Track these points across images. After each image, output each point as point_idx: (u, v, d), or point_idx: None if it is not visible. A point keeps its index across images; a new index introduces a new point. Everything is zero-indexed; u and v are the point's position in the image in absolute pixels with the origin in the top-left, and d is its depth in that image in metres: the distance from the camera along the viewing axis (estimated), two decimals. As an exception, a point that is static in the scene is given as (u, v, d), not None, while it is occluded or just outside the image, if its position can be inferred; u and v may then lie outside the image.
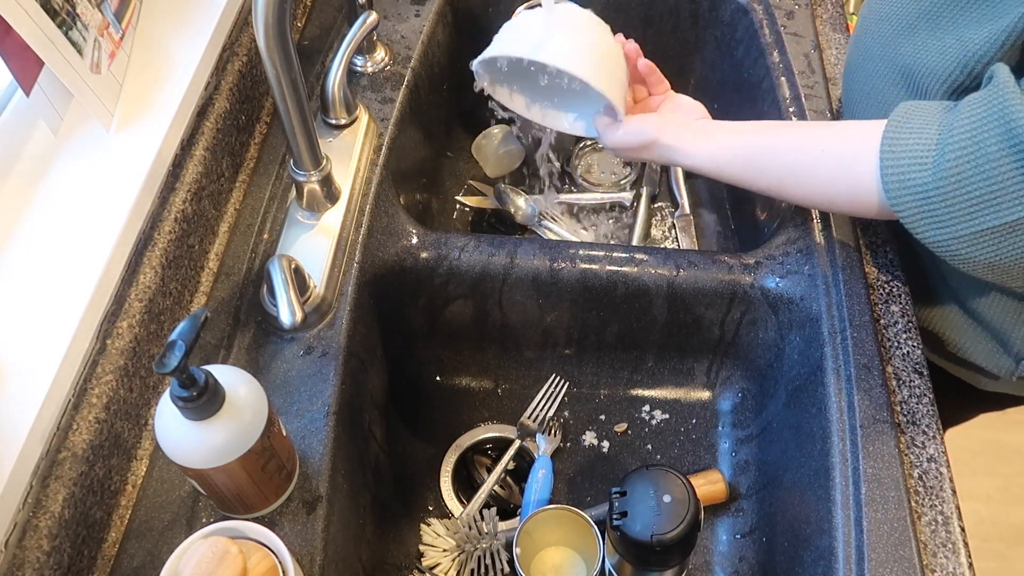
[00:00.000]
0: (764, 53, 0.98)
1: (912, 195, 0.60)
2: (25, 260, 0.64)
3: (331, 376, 0.71)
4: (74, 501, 0.58)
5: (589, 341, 0.91)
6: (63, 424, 0.59)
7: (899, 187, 0.60)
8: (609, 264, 0.83)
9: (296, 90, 0.67)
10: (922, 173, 0.59)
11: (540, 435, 0.90)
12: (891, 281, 0.79)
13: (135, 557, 0.62)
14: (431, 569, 0.80)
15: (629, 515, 0.63)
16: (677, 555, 0.66)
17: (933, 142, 0.59)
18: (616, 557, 0.68)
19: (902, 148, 0.61)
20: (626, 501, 0.64)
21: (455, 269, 0.84)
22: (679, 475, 0.65)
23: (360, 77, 0.94)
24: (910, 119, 0.62)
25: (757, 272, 0.82)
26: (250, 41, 0.87)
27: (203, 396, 0.52)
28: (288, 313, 0.66)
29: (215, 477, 0.57)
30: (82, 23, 0.68)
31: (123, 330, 0.65)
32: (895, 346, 0.75)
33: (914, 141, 0.60)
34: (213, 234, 0.79)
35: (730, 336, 0.88)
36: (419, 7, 1.01)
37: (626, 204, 1.09)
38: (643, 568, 0.68)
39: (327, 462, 0.66)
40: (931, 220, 0.60)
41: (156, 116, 0.73)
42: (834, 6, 1.03)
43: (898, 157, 0.61)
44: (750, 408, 0.90)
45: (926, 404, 0.71)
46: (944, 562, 0.64)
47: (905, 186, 0.60)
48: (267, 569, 0.55)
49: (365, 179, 0.84)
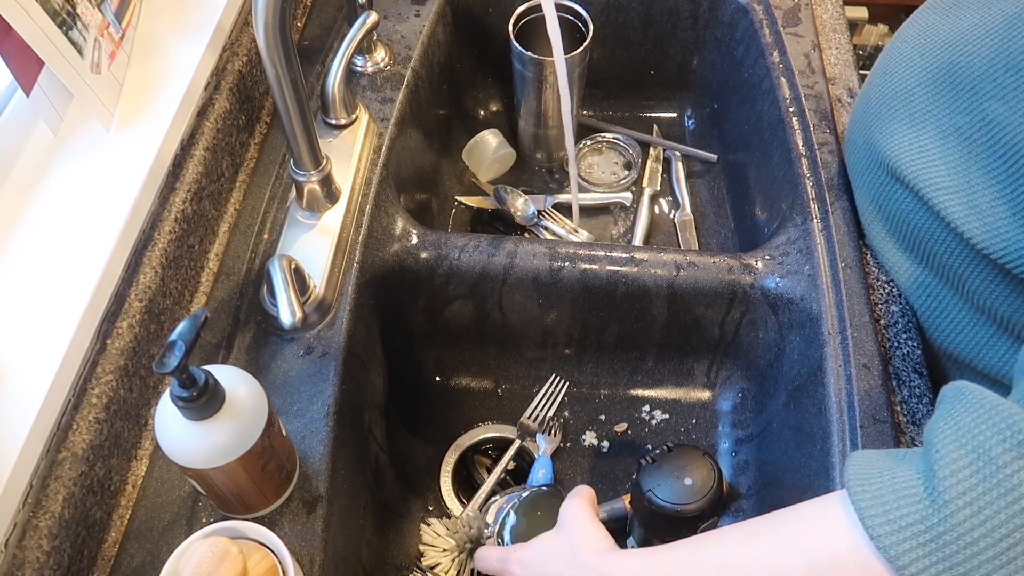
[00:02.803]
0: (764, 53, 0.98)
1: (916, 542, 0.43)
2: (25, 260, 0.64)
3: (331, 376, 0.71)
4: (74, 501, 0.58)
5: (589, 341, 0.91)
6: (63, 424, 0.59)
7: (898, 540, 0.43)
8: (609, 264, 0.83)
9: (296, 90, 0.67)
10: (917, 508, 0.43)
11: (540, 435, 0.90)
12: (891, 281, 0.79)
13: (135, 557, 0.62)
14: (431, 569, 0.80)
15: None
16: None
17: (915, 478, 0.45)
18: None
19: (878, 489, 0.46)
20: None
21: (455, 269, 0.84)
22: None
23: (360, 77, 0.94)
24: (869, 468, 0.47)
25: (757, 272, 0.82)
26: (250, 41, 0.87)
27: (203, 396, 0.52)
28: (288, 313, 0.66)
29: (215, 477, 0.57)
30: (82, 23, 0.68)
31: (123, 330, 0.65)
32: (895, 346, 0.75)
33: (889, 479, 0.46)
34: (213, 234, 0.79)
35: (730, 336, 0.88)
36: (419, 7, 1.01)
37: (626, 204, 1.09)
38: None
39: (327, 462, 0.66)
40: (948, 563, 0.42)
41: (156, 116, 0.73)
42: (834, 6, 1.03)
43: (877, 497, 0.45)
44: (750, 408, 0.90)
45: (926, 404, 0.71)
46: (944, 562, 0.64)
47: (903, 535, 0.43)
48: (267, 569, 0.55)
49: (365, 179, 0.84)
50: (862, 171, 0.79)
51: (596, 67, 1.02)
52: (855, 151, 0.80)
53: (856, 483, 0.46)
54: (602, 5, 1.07)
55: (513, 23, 0.99)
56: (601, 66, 1.13)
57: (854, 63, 0.97)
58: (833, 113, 0.91)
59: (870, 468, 0.47)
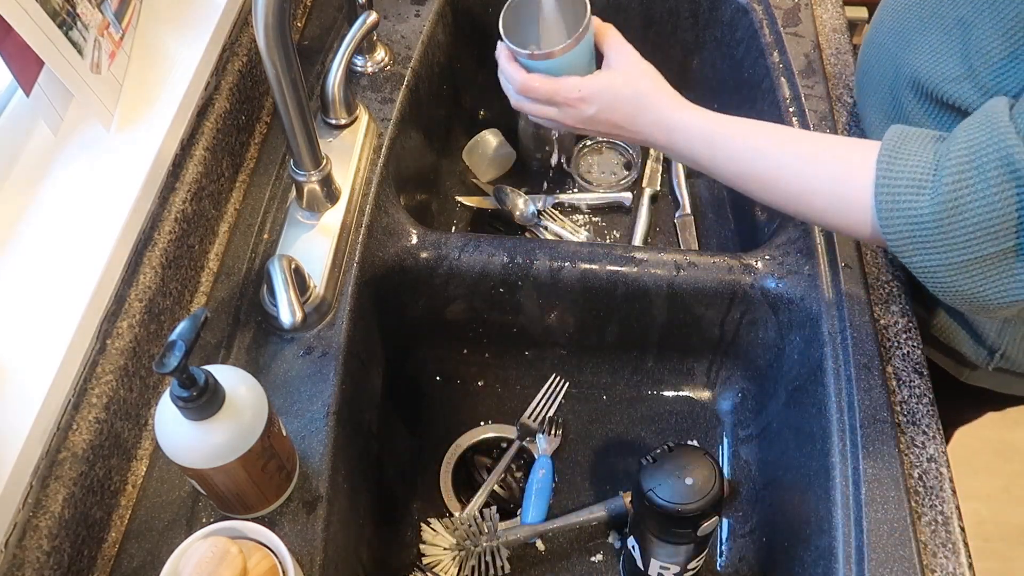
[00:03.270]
0: (764, 53, 0.98)
1: (906, 220, 0.59)
2: (25, 260, 0.64)
3: (331, 376, 0.71)
4: (74, 501, 0.58)
5: (589, 341, 0.91)
6: (63, 424, 0.59)
7: (893, 212, 0.59)
8: (609, 264, 0.83)
9: (296, 90, 0.67)
10: (919, 198, 0.58)
11: (540, 435, 0.90)
12: (891, 281, 0.79)
13: (135, 557, 0.62)
14: (431, 568, 0.80)
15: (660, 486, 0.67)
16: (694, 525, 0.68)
17: (930, 168, 0.58)
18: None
19: (899, 172, 0.60)
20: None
21: (455, 269, 0.84)
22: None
23: (360, 77, 0.94)
24: (904, 145, 0.61)
25: (757, 272, 0.82)
26: (250, 41, 0.87)
27: (203, 396, 0.52)
28: (288, 313, 0.66)
29: (215, 477, 0.57)
30: (82, 23, 0.68)
31: (123, 330, 0.65)
32: (895, 346, 0.75)
33: (911, 166, 0.59)
34: (213, 234, 0.79)
35: (730, 336, 0.88)
36: (419, 7, 1.01)
37: (626, 204, 1.09)
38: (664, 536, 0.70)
39: (327, 462, 0.66)
40: (921, 246, 0.59)
41: (156, 116, 0.73)
42: (834, 6, 1.03)
43: (894, 181, 0.60)
44: (750, 408, 0.90)
45: (926, 404, 0.71)
46: (944, 562, 0.64)
47: (900, 211, 0.59)
48: (267, 569, 0.55)
49: (365, 179, 0.84)
50: (874, 90, 0.80)
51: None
52: (867, 71, 0.82)
53: (884, 157, 0.60)
54: (602, 5, 1.07)
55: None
56: (601, 66, 1.13)
57: (854, 63, 0.97)
58: (833, 113, 0.91)
59: (901, 146, 0.61)
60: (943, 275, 0.59)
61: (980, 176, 0.55)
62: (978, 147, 0.56)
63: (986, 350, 0.80)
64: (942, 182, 0.57)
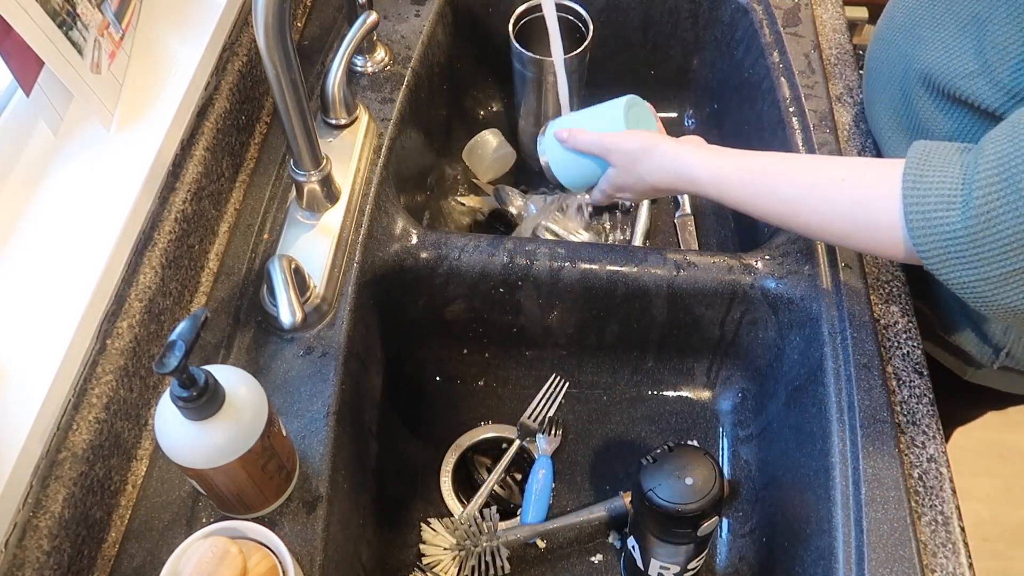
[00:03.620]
0: (764, 53, 0.98)
1: (939, 237, 0.57)
2: (25, 260, 0.64)
3: (331, 376, 0.71)
4: (74, 501, 0.58)
5: (589, 341, 0.91)
6: (63, 424, 0.59)
7: (925, 229, 0.58)
8: (609, 264, 0.83)
9: (296, 90, 0.67)
10: (950, 213, 0.57)
11: (540, 435, 0.90)
12: (891, 281, 0.79)
13: (135, 557, 0.62)
14: (431, 567, 0.80)
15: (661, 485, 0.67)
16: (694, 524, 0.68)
17: (959, 182, 0.57)
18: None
19: (927, 188, 0.58)
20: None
21: (455, 269, 0.84)
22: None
23: (360, 77, 0.94)
24: (930, 160, 0.60)
25: (757, 272, 0.82)
26: (250, 41, 0.87)
27: (203, 396, 0.52)
28: (288, 313, 0.66)
29: (215, 477, 0.57)
30: (82, 23, 0.68)
31: (123, 330, 0.65)
32: (895, 346, 0.75)
33: (939, 181, 0.58)
34: (213, 234, 0.79)
35: (730, 336, 0.88)
36: (419, 7, 1.01)
37: (626, 204, 1.09)
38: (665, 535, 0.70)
39: (327, 462, 0.66)
40: (957, 262, 0.57)
41: (156, 116, 0.73)
42: (834, 6, 1.03)
43: (923, 197, 0.58)
44: (750, 408, 0.90)
45: (926, 404, 0.71)
46: (944, 562, 0.64)
47: (932, 227, 0.58)
48: (267, 569, 0.55)
49: (365, 179, 0.84)
50: (883, 87, 0.80)
51: (596, 67, 1.02)
52: (876, 67, 0.82)
53: (910, 175, 0.59)
54: (602, 5, 1.07)
55: (513, 23, 0.99)
56: (601, 66, 1.13)
57: (854, 63, 0.97)
58: (833, 113, 0.91)
59: (926, 161, 0.60)
60: (982, 289, 0.57)
61: (1011, 188, 0.54)
62: (1007, 159, 0.55)
63: (992, 349, 0.80)
64: (972, 196, 0.56)
